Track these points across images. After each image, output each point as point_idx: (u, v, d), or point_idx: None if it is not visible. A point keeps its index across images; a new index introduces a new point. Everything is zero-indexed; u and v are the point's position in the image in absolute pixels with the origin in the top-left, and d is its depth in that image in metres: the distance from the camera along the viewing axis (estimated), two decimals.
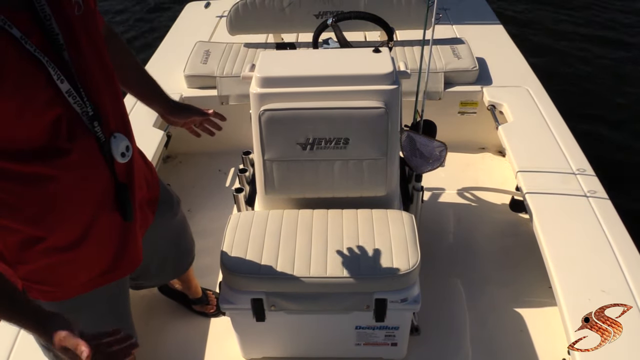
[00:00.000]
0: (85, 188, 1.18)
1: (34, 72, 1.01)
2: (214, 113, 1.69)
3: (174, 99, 1.66)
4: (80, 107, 1.10)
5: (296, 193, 1.84)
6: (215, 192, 2.83)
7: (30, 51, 0.99)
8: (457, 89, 2.78)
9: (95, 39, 1.18)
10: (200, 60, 2.90)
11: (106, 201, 1.24)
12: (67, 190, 1.15)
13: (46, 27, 1.03)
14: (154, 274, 1.77)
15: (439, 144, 1.98)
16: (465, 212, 2.67)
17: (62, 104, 1.07)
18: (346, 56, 1.83)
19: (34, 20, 1.01)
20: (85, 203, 1.20)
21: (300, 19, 2.90)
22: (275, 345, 1.93)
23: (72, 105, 1.09)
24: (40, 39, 1.02)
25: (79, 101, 1.10)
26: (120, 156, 1.21)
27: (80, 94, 1.10)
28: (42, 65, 1.01)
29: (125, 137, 1.23)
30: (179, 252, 1.85)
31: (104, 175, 1.21)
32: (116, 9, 6.62)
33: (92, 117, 1.13)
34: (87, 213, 1.22)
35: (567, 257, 1.80)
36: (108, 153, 1.19)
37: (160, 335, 2.11)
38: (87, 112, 1.12)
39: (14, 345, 1.65)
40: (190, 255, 1.93)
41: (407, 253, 1.65)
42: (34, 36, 1.00)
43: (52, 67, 1.03)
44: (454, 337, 2.07)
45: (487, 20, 3.43)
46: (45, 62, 1.01)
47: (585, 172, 2.15)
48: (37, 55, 1.00)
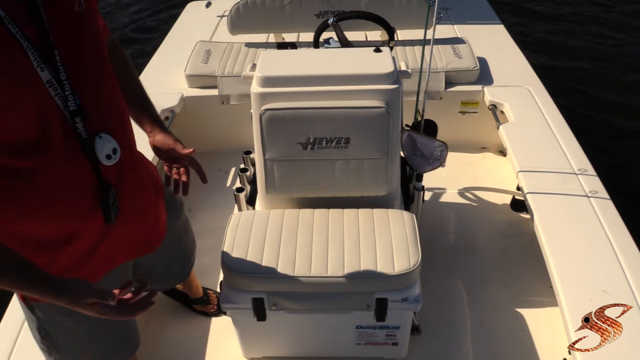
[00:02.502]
0: (66, 185, 1.14)
1: (16, 55, 0.99)
2: (195, 166, 1.59)
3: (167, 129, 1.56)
4: (62, 100, 1.07)
5: (297, 193, 1.84)
6: (216, 192, 2.83)
7: (11, 32, 0.98)
8: (458, 88, 2.78)
9: (95, 37, 1.16)
10: (201, 60, 2.90)
11: (89, 202, 1.19)
12: (47, 186, 1.10)
13: (36, 16, 1.02)
14: (158, 279, 1.72)
15: (439, 143, 1.98)
16: (466, 211, 2.67)
17: (40, 93, 1.04)
18: (347, 56, 1.83)
19: (28, 12, 1.01)
20: (67, 201, 1.16)
21: (301, 18, 2.90)
22: (276, 345, 1.93)
23: (53, 97, 1.06)
24: (34, 30, 1.01)
25: (60, 93, 1.06)
26: (106, 158, 1.16)
27: (63, 87, 1.07)
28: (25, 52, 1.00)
29: (112, 139, 1.18)
30: (181, 255, 1.83)
31: (86, 175, 1.16)
32: (117, 9, 6.63)
33: (74, 112, 1.09)
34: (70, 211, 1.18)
35: (568, 256, 1.80)
36: (91, 153, 1.14)
37: (161, 335, 2.11)
38: (68, 107, 1.08)
39: (14, 345, 1.65)
40: (190, 259, 1.91)
41: (408, 253, 1.65)
42: (29, 27, 1.00)
43: (32, 52, 1.01)
44: (455, 337, 2.07)
45: (488, 20, 3.43)
46: (26, 47, 1.00)
47: (587, 172, 2.15)
48: (18, 38, 0.99)
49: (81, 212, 1.20)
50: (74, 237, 1.22)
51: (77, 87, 1.10)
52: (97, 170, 1.17)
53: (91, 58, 1.15)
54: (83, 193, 1.18)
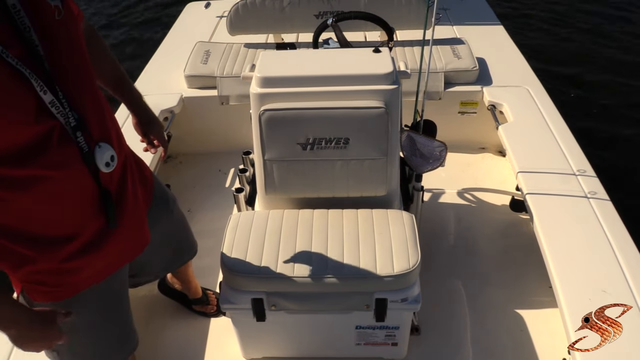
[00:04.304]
0: (65, 196, 1.17)
1: (16, 85, 0.99)
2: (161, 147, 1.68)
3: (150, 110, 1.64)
4: (64, 117, 1.09)
5: (296, 193, 1.84)
6: (215, 192, 2.84)
7: (11, 64, 0.98)
8: (457, 89, 2.78)
9: (77, 43, 1.16)
10: (201, 60, 2.90)
11: (91, 208, 1.23)
12: (44, 197, 1.13)
13: (26, 39, 1.01)
14: (152, 271, 1.77)
15: (439, 143, 1.98)
16: (466, 212, 2.67)
17: (45, 115, 1.05)
18: (346, 56, 1.83)
19: (14, 32, 1.00)
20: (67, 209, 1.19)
21: (300, 19, 2.90)
22: (276, 345, 1.93)
23: (56, 115, 1.07)
24: (21, 51, 1.00)
25: (62, 111, 1.08)
26: (105, 166, 1.19)
27: (62, 104, 1.08)
28: (25, 77, 1.00)
29: (110, 147, 1.21)
30: (177, 249, 1.84)
31: (87, 184, 1.19)
32: (116, 9, 6.62)
33: (75, 127, 1.11)
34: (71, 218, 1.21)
35: (568, 257, 1.80)
36: (92, 163, 1.17)
37: (160, 336, 2.11)
38: (69, 123, 1.10)
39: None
40: (191, 250, 1.91)
41: (408, 253, 1.65)
42: (15, 48, 0.99)
43: (34, 78, 1.01)
44: (454, 337, 2.07)
45: (487, 21, 3.43)
46: (28, 75, 1.00)
47: (586, 172, 2.15)
48: (20, 68, 0.99)
49: (84, 219, 1.23)
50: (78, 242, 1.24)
51: (71, 102, 1.10)
52: (97, 179, 1.20)
53: (76, 68, 1.15)
54: (85, 201, 1.21)
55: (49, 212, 1.16)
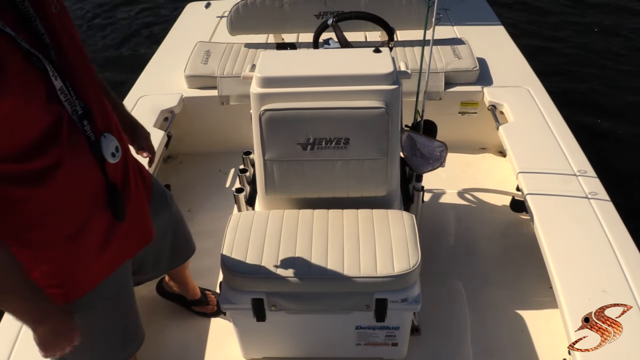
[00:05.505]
0: (77, 188, 1.18)
1: (32, 69, 1.01)
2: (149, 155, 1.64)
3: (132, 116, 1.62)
4: (71, 105, 1.10)
5: (297, 193, 1.84)
6: (215, 193, 2.84)
7: (25, 48, 0.99)
8: (458, 89, 2.78)
9: (74, 36, 1.18)
10: (201, 60, 2.90)
11: (98, 201, 1.24)
12: (59, 190, 1.14)
13: (32, 27, 1.03)
14: (151, 268, 1.77)
15: (439, 144, 1.98)
16: (466, 212, 2.67)
17: (54, 102, 1.07)
18: (347, 56, 1.83)
19: (19, 21, 1.02)
20: (78, 202, 1.20)
21: (300, 19, 2.90)
22: (276, 345, 1.93)
23: (64, 103, 1.09)
24: (29, 39, 1.02)
25: (70, 99, 1.09)
26: (111, 156, 1.21)
27: (70, 92, 1.09)
28: (36, 63, 1.01)
29: (114, 138, 1.23)
30: (176, 244, 1.84)
31: (95, 175, 1.20)
32: (116, 9, 6.62)
33: (82, 116, 1.13)
34: (81, 213, 1.21)
35: (568, 257, 1.80)
36: (98, 153, 1.19)
37: (160, 336, 2.11)
38: (76, 111, 1.12)
39: (14, 346, 1.65)
40: (189, 247, 1.91)
41: (408, 253, 1.65)
42: (22, 36, 1.01)
43: (47, 63, 1.03)
44: (455, 337, 2.07)
45: (488, 21, 3.43)
46: (42, 59, 1.02)
47: (586, 172, 2.15)
48: (33, 52, 1.00)
49: (91, 214, 1.24)
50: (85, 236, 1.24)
51: (76, 90, 1.12)
52: (103, 169, 1.21)
53: (76, 58, 1.16)
54: (93, 194, 1.22)
55: (62, 207, 1.17)
